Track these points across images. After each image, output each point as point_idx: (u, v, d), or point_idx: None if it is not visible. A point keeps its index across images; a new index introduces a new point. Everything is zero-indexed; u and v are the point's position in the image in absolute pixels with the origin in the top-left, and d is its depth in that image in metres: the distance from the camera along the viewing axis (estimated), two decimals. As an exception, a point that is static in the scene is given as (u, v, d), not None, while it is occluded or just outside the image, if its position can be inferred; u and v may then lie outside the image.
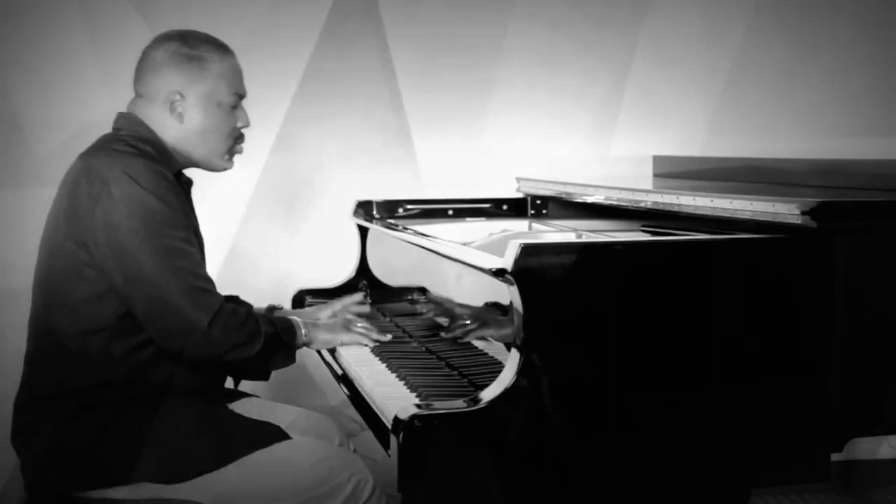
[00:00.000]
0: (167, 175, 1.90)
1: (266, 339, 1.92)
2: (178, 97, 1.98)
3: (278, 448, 1.89)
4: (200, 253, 1.99)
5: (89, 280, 1.85)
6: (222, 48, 2.03)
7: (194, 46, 1.99)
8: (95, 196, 1.83)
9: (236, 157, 2.10)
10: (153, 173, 1.86)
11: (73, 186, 1.88)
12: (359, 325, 2.21)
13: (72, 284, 1.86)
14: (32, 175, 3.01)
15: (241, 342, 1.88)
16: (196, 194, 2.10)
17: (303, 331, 2.07)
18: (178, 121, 1.99)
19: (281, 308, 2.37)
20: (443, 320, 2.36)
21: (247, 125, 2.07)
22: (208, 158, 2.04)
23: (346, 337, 2.16)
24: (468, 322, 2.20)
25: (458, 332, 2.18)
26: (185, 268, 1.83)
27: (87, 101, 3.01)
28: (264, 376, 2.13)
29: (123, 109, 2.03)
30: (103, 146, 1.95)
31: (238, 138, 2.07)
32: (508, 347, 1.63)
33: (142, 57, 2.02)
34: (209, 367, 1.96)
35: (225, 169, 2.08)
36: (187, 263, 1.85)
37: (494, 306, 2.30)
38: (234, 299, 2.23)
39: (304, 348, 2.13)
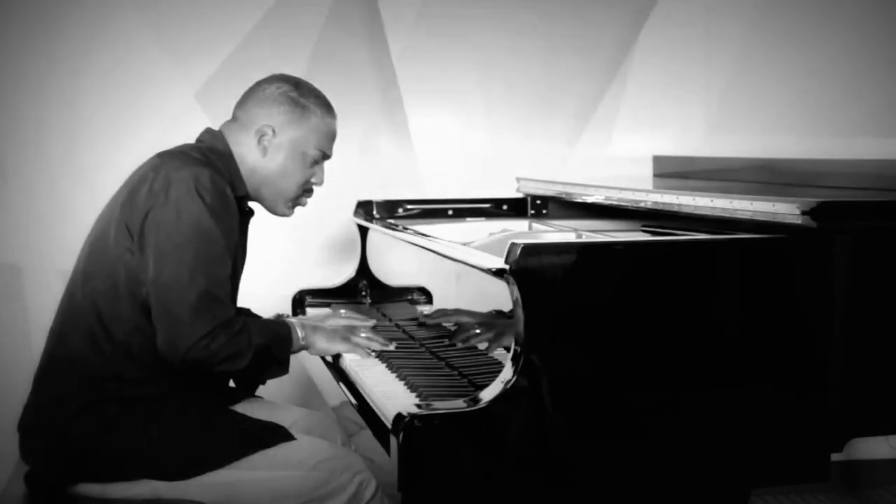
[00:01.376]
0: (229, 192, 1.94)
1: (256, 353, 1.91)
2: (269, 131, 2.03)
3: (282, 448, 1.90)
4: (234, 275, 2.00)
5: (124, 267, 1.88)
6: (329, 108, 2.11)
7: (304, 95, 2.07)
8: (155, 193, 1.87)
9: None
10: (216, 186, 1.89)
11: (139, 180, 1.93)
12: (362, 335, 2.15)
13: (109, 268, 1.89)
14: (32, 175, 3.01)
15: (229, 356, 1.86)
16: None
17: (300, 334, 2.05)
18: (261, 154, 2.04)
19: (288, 316, 2.34)
20: (447, 324, 2.37)
21: (320, 184, 2.14)
22: (273, 200, 2.09)
23: (343, 346, 2.11)
24: (479, 331, 2.19)
25: (473, 343, 2.17)
26: (201, 284, 1.84)
27: (86, 102, 3.01)
28: (254, 385, 2.14)
29: (122, 110, 2.05)
30: (181, 150, 2.00)
31: (307, 192, 2.13)
32: (508, 348, 1.63)
33: (253, 86, 2.10)
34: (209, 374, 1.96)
35: (284, 215, 2.14)
36: (207, 281, 1.85)
37: (500, 314, 2.30)
38: (245, 312, 2.24)
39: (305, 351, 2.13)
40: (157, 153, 2.00)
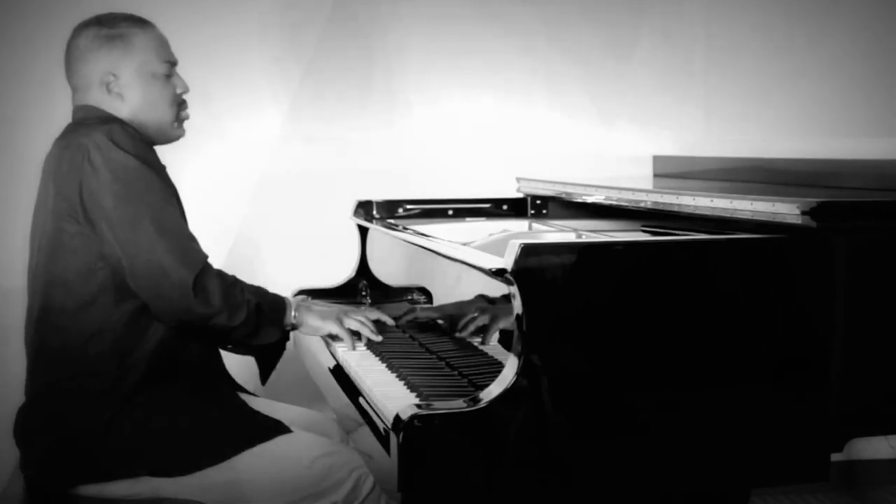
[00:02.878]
0: (142, 137, 1.93)
1: (250, 310, 1.92)
2: (111, 77, 1.99)
3: (280, 443, 1.90)
4: (182, 211, 1.99)
5: (80, 251, 1.86)
6: (141, 21, 2.04)
7: (113, 25, 2.00)
8: (77, 166, 1.84)
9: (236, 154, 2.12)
10: (130, 135, 1.89)
11: (55, 165, 1.90)
12: (355, 318, 2.14)
13: (66, 260, 1.87)
14: (32, 175, 3.00)
15: (225, 307, 1.87)
16: (196, 195, 2.10)
17: (293, 312, 2.05)
18: (120, 101, 2.00)
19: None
20: (441, 321, 2.36)
21: (186, 90, 2.08)
22: (159, 129, 2.04)
23: (335, 328, 2.11)
24: (476, 315, 2.19)
25: (471, 329, 2.16)
26: (168, 226, 1.85)
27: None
28: (249, 350, 2.10)
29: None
30: (76, 124, 1.98)
31: (181, 104, 2.08)
32: (509, 345, 1.62)
33: (66, 51, 2.04)
34: (202, 333, 1.95)
35: (178, 137, 2.08)
36: (170, 221, 1.86)
37: (482, 298, 2.29)
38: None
39: (304, 345, 2.12)
40: (55, 140, 1.97)
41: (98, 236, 1.85)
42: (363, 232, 2.70)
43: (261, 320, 1.96)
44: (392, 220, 2.61)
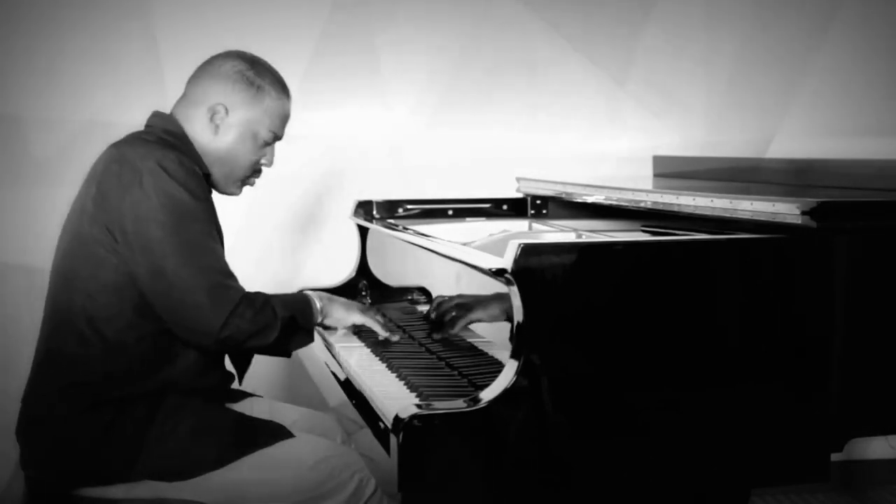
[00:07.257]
0: (197, 170, 1.93)
1: (283, 324, 1.92)
2: (222, 110, 2.00)
3: (281, 446, 1.90)
4: (222, 247, 2.00)
5: (111, 267, 1.86)
6: (283, 88, 2.08)
7: (260, 74, 2.04)
8: (126, 185, 1.84)
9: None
10: (185, 167, 1.88)
11: (104, 173, 1.89)
12: (372, 314, 2.18)
13: (93, 270, 1.87)
14: (32, 175, 3.01)
15: (258, 331, 1.87)
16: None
17: (318, 305, 2.06)
18: (212, 132, 2.01)
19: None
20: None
21: (269, 165, 2.11)
22: (223, 179, 2.06)
23: (359, 317, 2.14)
24: (454, 313, 2.19)
25: (449, 331, 2.17)
26: (208, 264, 1.84)
27: (87, 101, 3.01)
28: (285, 355, 2.10)
29: (123, 109, 2.04)
30: (136, 137, 1.98)
31: (256, 172, 2.10)
32: (510, 334, 1.62)
33: (207, 61, 2.06)
34: (222, 358, 1.98)
35: (232, 194, 2.11)
36: (211, 259, 1.86)
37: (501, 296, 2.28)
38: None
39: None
40: (112, 144, 1.96)
41: (133, 259, 1.84)
42: (363, 232, 2.70)
43: (293, 330, 1.97)
44: (392, 220, 2.61)
